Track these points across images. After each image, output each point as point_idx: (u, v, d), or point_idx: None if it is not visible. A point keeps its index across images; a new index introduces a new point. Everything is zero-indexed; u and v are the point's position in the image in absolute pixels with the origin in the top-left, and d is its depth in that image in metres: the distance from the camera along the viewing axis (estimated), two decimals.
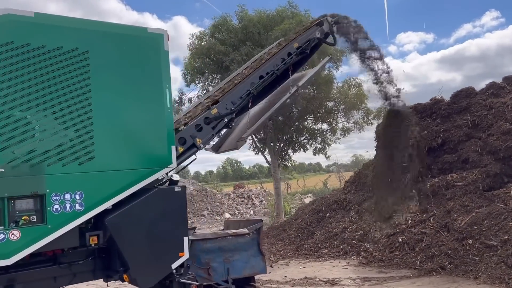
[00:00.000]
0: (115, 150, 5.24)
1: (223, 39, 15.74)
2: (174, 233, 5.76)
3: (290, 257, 10.76)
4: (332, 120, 17.72)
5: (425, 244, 8.96)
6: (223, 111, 7.48)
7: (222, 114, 7.46)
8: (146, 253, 5.43)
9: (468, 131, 10.46)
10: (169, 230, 5.72)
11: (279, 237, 13.49)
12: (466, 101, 10.84)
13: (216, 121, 7.40)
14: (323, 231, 11.92)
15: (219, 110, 7.39)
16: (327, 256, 10.44)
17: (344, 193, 13.28)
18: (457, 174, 10.05)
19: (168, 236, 5.66)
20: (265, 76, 8.11)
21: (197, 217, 26.73)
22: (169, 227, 5.71)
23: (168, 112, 5.85)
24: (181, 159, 6.84)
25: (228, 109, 7.56)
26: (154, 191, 5.57)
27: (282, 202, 18.00)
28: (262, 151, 18.15)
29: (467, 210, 9.08)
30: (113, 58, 5.37)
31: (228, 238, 7.53)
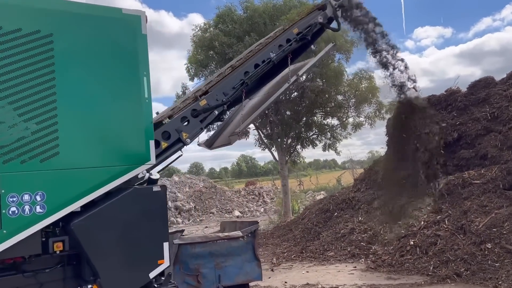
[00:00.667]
0: (83, 145, 4.66)
1: (228, 30, 15.10)
2: (152, 238, 5.17)
3: (293, 260, 10.10)
4: (342, 115, 16.93)
5: (439, 248, 8.21)
6: (213, 102, 6.84)
7: (212, 106, 6.82)
8: (118, 260, 4.84)
9: (487, 124, 9.65)
10: (147, 235, 5.13)
11: (284, 237, 12.85)
12: (485, 92, 10.01)
13: (205, 113, 6.77)
14: (330, 231, 11.23)
15: (208, 102, 6.76)
16: (333, 259, 9.75)
17: (354, 191, 12.56)
18: (475, 171, 9.28)
19: (145, 242, 5.07)
20: (260, 64, 7.45)
21: (206, 215, 26.27)
22: (147, 232, 5.12)
23: (146, 102, 5.25)
24: (165, 155, 6.23)
25: (219, 101, 6.92)
26: (128, 192, 4.98)
27: (290, 200, 17.31)
28: (269, 148, 17.49)
29: (485, 210, 8.29)
30: (81, 42, 4.77)
31: (219, 242, 6.92)
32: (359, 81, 16.27)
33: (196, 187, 31.06)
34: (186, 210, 25.73)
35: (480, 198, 8.64)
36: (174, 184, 31.78)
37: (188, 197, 28.03)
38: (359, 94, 16.05)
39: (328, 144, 17.21)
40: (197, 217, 25.59)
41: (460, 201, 8.91)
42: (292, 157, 17.72)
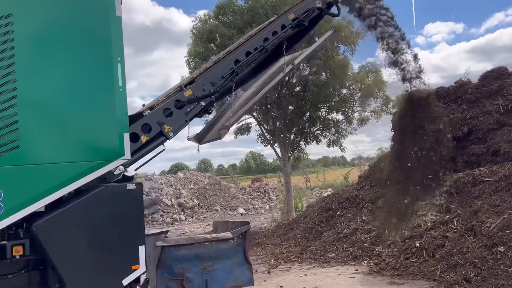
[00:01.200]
0: (47, 138, 4.18)
1: (228, 21, 14.57)
2: (126, 242, 4.69)
3: (292, 261, 9.57)
4: (347, 109, 16.32)
5: (446, 251, 7.62)
6: (199, 92, 6.33)
7: (198, 96, 6.31)
8: (87, 266, 4.37)
9: (500, 118, 9.02)
10: (120, 238, 4.66)
11: (285, 236, 12.33)
12: (498, 83, 9.37)
13: (190, 104, 6.26)
14: (332, 231, 10.69)
15: (194, 92, 6.25)
16: (334, 261, 9.21)
17: (357, 189, 11.98)
18: (486, 168, 8.66)
19: (117, 245, 4.59)
20: (252, 52, 6.91)
21: (209, 212, 25.85)
22: (120, 234, 4.65)
23: (119, 92, 4.75)
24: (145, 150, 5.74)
25: (206, 91, 6.41)
26: (98, 190, 4.50)
27: (293, 198, 16.77)
28: (272, 144, 16.95)
29: (497, 210, 7.69)
30: (46, 24, 4.28)
31: (207, 244, 6.41)
32: (365, 74, 15.63)
33: (201, 184, 30.68)
34: (190, 207, 25.33)
35: (491, 197, 8.03)
36: (179, 180, 31.44)
37: (192, 194, 27.63)
38: (365, 88, 15.42)
39: (333, 140, 16.62)
40: (200, 214, 25.18)
41: (470, 200, 8.30)
42: (295, 153, 17.17)
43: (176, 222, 22.91)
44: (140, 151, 5.62)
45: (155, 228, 21.32)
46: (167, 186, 29.49)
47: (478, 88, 9.70)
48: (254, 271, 9.02)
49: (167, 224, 22.33)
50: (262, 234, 13.37)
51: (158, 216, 23.24)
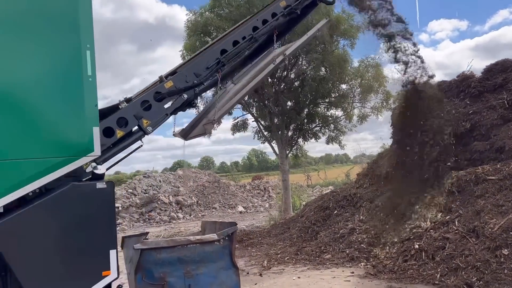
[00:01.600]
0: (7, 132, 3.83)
1: (224, 14, 14.14)
2: (95, 245, 4.32)
3: (286, 263, 9.18)
4: (347, 105, 15.88)
5: (447, 253, 7.21)
6: (181, 84, 5.92)
7: (180, 88, 5.91)
8: (50, 273, 4.01)
9: (504, 113, 8.59)
10: (88, 241, 4.29)
11: (281, 236, 11.94)
12: (502, 77, 8.93)
13: (171, 97, 5.86)
14: (328, 231, 10.28)
15: (175, 83, 5.85)
16: (329, 262, 8.80)
17: (356, 187, 11.57)
18: (490, 165, 8.24)
19: (86, 250, 4.22)
20: (240, 41, 6.49)
21: (208, 210, 25.49)
22: (88, 237, 4.29)
23: (88, 81, 4.38)
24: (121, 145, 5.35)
25: (189, 82, 6.00)
26: (63, 189, 4.13)
27: (291, 196, 16.36)
28: (269, 141, 16.54)
29: (501, 211, 7.26)
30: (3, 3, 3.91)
31: (190, 247, 6.02)
32: (365, 69, 15.18)
33: (200, 181, 30.32)
34: (188, 205, 24.97)
35: (495, 196, 7.60)
36: (178, 178, 31.09)
37: (190, 191, 27.28)
38: (365, 83, 14.97)
39: (332, 137, 16.19)
40: (198, 212, 24.82)
41: (472, 200, 7.88)
42: (293, 150, 16.75)
43: (174, 220, 22.57)
44: (116, 147, 5.23)
45: (152, 227, 21.00)
46: (165, 183, 29.13)
47: (481, 82, 9.26)
48: (246, 273, 8.67)
49: (164, 222, 21.99)
50: (257, 234, 12.98)
51: (155, 214, 22.90)
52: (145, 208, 23.22)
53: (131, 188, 27.14)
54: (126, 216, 22.07)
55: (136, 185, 27.67)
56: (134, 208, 23.24)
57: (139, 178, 29.05)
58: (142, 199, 24.19)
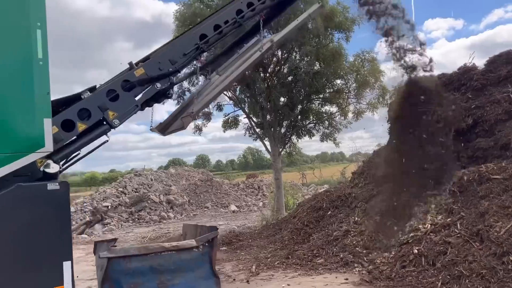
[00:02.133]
0: None
1: (214, 5, 13.49)
2: (46, 256, 3.72)
3: (276, 268, 8.57)
4: (342, 101, 15.28)
5: (449, 259, 6.62)
6: (153, 72, 5.30)
7: (152, 76, 5.29)
8: None
9: (509, 108, 8.03)
10: (38, 251, 3.71)
11: (272, 238, 11.34)
12: (507, 69, 8.36)
13: (142, 86, 5.23)
14: (321, 233, 9.68)
15: (147, 71, 5.23)
16: (322, 267, 8.21)
17: (350, 186, 10.99)
18: (494, 164, 7.67)
19: (35, 261, 3.65)
20: (222, 26, 5.88)
21: (200, 209, 24.86)
22: (38, 247, 3.71)
23: (39, 65, 3.79)
24: (83, 140, 4.74)
25: (164, 70, 5.39)
26: (8, 190, 3.56)
27: (283, 195, 15.76)
28: (261, 138, 15.92)
29: (508, 213, 6.69)
30: None
31: (165, 254, 5.43)
32: (360, 63, 14.57)
33: (193, 180, 29.68)
34: (179, 204, 24.32)
35: (501, 197, 7.03)
36: (170, 176, 30.43)
37: (182, 190, 26.63)
38: (360, 77, 14.36)
39: (326, 134, 15.59)
40: (190, 212, 24.18)
41: (476, 201, 7.31)
42: (286, 148, 16.14)
43: (164, 220, 21.91)
44: (76, 142, 4.61)
45: (141, 227, 20.35)
46: (157, 182, 28.48)
47: (484, 74, 8.69)
48: (232, 280, 8.05)
49: (154, 222, 21.33)
50: (248, 235, 12.37)
51: (145, 214, 22.23)
52: (134, 208, 22.55)
53: (122, 186, 26.46)
54: (115, 216, 21.40)
55: (126, 183, 26.99)
56: (123, 208, 22.57)
57: (130, 177, 28.36)
58: (132, 198, 23.52)
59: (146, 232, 16.83)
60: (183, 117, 5.61)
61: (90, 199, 24.84)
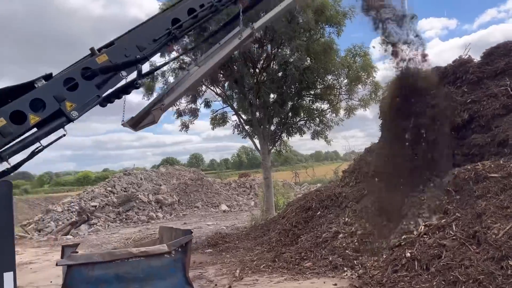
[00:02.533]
0: None
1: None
2: None
3: (262, 272, 8.09)
4: (333, 98, 14.82)
5: (444, 263, 6.17)
6: (118, 58, 4.77)
7: (117, 63, 4.77)
8: None
9: (507, 102, 7.62)
10: None
11: (259, 240, 10.87)
12: (504, 61, 7.95)
13: (105, 75, 4.71)
14: (310, 235, 9.22)
15: (111, 57, 4.69)
16: (310, 271, 7.74)
17: (341, 185, 10.53)
18: (491, 161, 7.26)
19: None
20: (197, 9, 5.37)
21: (190, 209, 24.33)
22: None
23: None
24: (37, 134, 4.23)
25: (130, 57, 4.86)
26: None
27: (273, 195, 15.27)
28: (251, 135, 15.43)
29: (506, 214, 6.26)
30: None
31: (133, 261, 4.91)
32: (352, 58, 14.12)
33: (183, 179, 29.14)
34: (169, 204, 23.77)
35: (498, 196, 6.60)
36: (161, 175, 29.87)
37: (172, 190, 26.08)
38: (352, 73, 13.91)
39: (317, 132, 15.13)
40: (180, 212, 23.65)
41: (472, 201, 6.87)
42: (276, 146, 15.66)
43: (152, 220, 21.36)
44: (29, 137, 4.10)
45: (129, 227, 19.79)
46: (147, 181, 27.92)
47: (481, 67, 8.26)
48: (213, 285, 7.56)
49: (142, 222, 20.78)
50: (235, 236, 11.89)
51: (133, 214, 21.67)
52: (122, 208, 21.98)
53: (110, 186, 25.89)
54: (102, 216, 20.82)
55: (115, 182, 26.42)
56: (111, 208, 21.99)
57: (119, 176, 27.78)
58: (120, 198, 22.94)
59: (132, 233, 16.29)
60: (153, 110, 5.11)
61: (78, 198, 24.25)
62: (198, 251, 10.71)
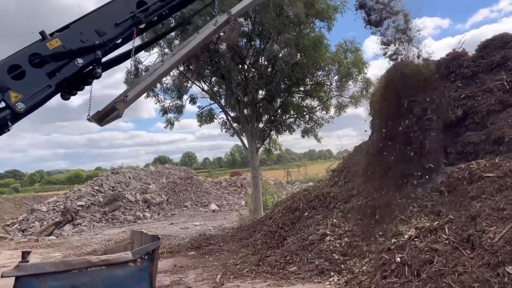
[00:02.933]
0: None
1: None
2: None
3: (244, 277, 7.63)
4: (323, 94, 14.38)
5: (436, 269, 5.74)
6: (73, 44, 4.27)
7: (72, 49, 4.28)
8: None
9: (503, 97, 7.22)
10: None
11: (245, 242, 10.41)
12: (500, 54, 7.53)
13: (58, 62, 4.21)
14: (297, 237, 8.77)
15: (64, 43, 4.18)
16: (294, 276, 7.29)
17: (329, 185, 10.09)
18: (486, 160, 6.85)
19: None
20: None
21: (178, 209, 23.82)
22: None
23: None
24: None
25: (87, 43, 4.36)
26: None
27: (261, 194, 14.81)
28: (239, 133, 14.96)
29: (502, 216, 5.83)
30: None
31: (92, 270, 4.43)
32: (343, 54, 13.68)
33: (172, 178, 28.60)
34: (157, 204, 23.24)
35: (494, 197, 6.18)
36: (150, 174, 29.33)
37: (160, 189, 25.55)
38: (342, 69, 13.48)
39: (307, 129, 14.68)
40: (168, 211, 23.13)
41: (466, 202, 6.46)
42: (265, 144, 15.20)
43: (139, 220, 20.84)
44: None
45: (114, 227, 19.24)
46: (135, 180, 27.37)
47: (476, 60, 7.84)
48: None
49: (128, 222, 20.24)
50: (219, 238, 11.41)
51: (119, 214, 21.12)
52: (108, 207, 21.42)
53: (98, 185, 25.32)
54: (87, 216, 20.24)
55: (103, 181, 25.85)
56: (97, 207, 21.43)
57: (107, 175, 27.20)
58: (106, 197, 22.38)
59: (115, 234, 15.76)
60: (116, 102, 4.61)
61: (64, 198, 23.65)
62: (181, 253, 10.23)
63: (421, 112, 7.77)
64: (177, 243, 11.36)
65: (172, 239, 12.91)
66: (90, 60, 4.21)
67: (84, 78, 4.36)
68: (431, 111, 7.68)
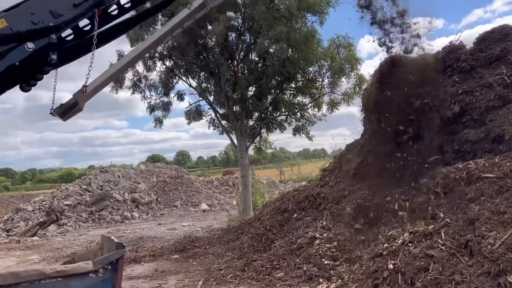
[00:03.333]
0: None
1: None
2: None
3: (228, 283, 7.17)
4: (315, 91, 13.93)
5: (431, 277, 5.28)
6: (22, 26, 3.76)
7: (20, 32, 3.76)
8: None
9: (503, 92, 6.78)
10: None
11: (231, 244, 9.94)
12: (500, 47, 7.10)
13: (2, 46, 3.70)
14: (284, 240, 8.32)
15: (11, 24, 3.67)
16: (281, 283, 6.83)
17: (320, 185, 9.64)
18: (485, 159, 6.41)
19: None
20: None
21: (168, 208, 23.29)
22: None
23: None
24: None
25: (39, 24, 3.85)
26: None
27: (251, 194, 14.34)
28: (228, 131, 14.48)
29: (503, 220, 5.39)
30: None
31: (46, 283, 3.93)
32: (335, 49, 13.24)
33: (163, 176, 28.07)
34: (145, 203, 22.70)
35: (494, 200, 5.74)
36: (140, 173, 28.80)
37: (150, 188, 25.01)
38: (335, 65, 13.03)
39: (298, 127, 14.23)
40: (157, 211, 22.59)
41: (463, 205, 6.02)
42: (255, 142, 14.73)
43: (127, 220, 20.28)
44: None
45: (101, 228, 18.69)
46: (124, 179, 26.82)
47: (474, 54, 7.41)
48: None
49: (115, 222, 19.70)
50: (206, 240, 10.93)
51: (106, 214, 20.56)
52: (95, 207, 20.86)
53: (86, 184, 24.73)
54: (73, 216, 19.67)
55: (91, 180, 25.27)
56: (83, 207, 20.86)
57: (95, 173, 26.63)
58: (93, 197, 21.81)
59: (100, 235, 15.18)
60: (75, 94, 4.11)
61: (51, 197, 23.04)
62: (164, 257, 9.74)
63: (416, 108, 7.35)
64: (160, 246, 10.85)
65: (157, 241, 12.42)
66: (43, 45, 3.70)
67: (39, 66, 3.86)
68: (426, 107, 7.25)
